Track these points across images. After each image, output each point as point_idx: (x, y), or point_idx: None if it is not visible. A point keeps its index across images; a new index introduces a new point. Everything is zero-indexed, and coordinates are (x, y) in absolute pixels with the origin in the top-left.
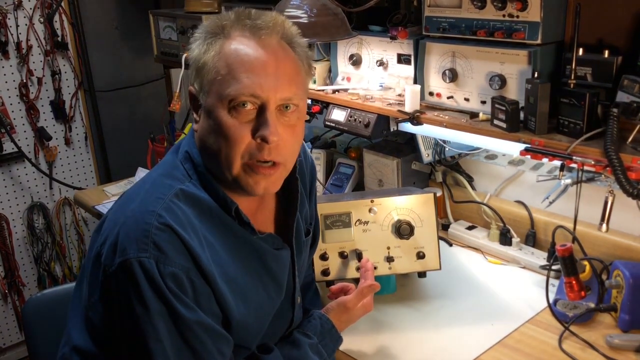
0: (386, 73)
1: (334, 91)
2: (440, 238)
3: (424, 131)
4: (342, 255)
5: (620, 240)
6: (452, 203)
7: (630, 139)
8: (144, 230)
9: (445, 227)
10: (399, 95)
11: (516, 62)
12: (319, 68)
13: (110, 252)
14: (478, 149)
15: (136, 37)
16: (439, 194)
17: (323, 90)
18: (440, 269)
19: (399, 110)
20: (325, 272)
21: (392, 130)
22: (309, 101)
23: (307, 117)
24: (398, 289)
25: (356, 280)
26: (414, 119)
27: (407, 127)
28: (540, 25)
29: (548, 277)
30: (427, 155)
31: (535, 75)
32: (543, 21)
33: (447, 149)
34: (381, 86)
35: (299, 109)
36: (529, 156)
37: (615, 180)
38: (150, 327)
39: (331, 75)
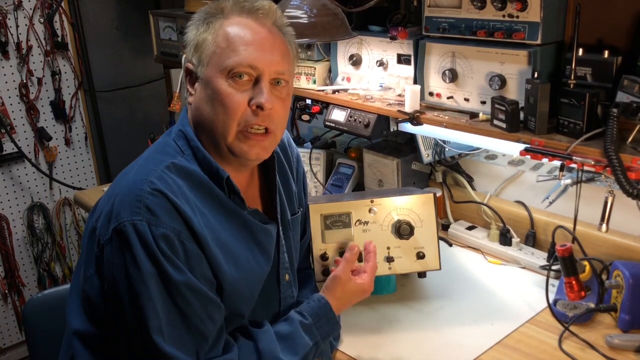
0: (386, 73)
1: (334, 91)
2: (440, 238)
3: (424, 131)
4: (342, 255)
5: (620, 240)
6: (452, 203)
7: (630, 139)
8: (136, 195)
9: (445, 227)
10: (399, 95)
11: (516, 62)
12: (319, 68)
13: (106, 221)
14: (478, 149)
15: (136, 37)
16: (439, 194)
17: (323, 90)
18: (440, 269)
19: (399, 111)
20: (325, 272)
21: (392, 130)
22: (309, 101)
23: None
24: (398, 289)
25: None
26: (414, 119)
27: (407, 127)
28: (540, 25)
29: (548, 277)
30: (427, 155)
31: (535, 75)
32: (543, 21)
33: (447, 149)
34: (381, 86)
35: (288, 85)
36: (528, 156)
37: (615, 181)
38: (143, 286)
39: (331, 76)
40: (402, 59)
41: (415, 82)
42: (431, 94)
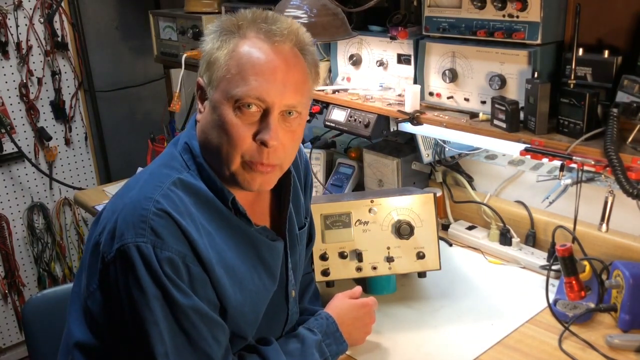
0: (386, 73)
1: (334, 91)
2: (440, 238)
3: (424, 131)
4: (342, 255)
5: (620, 240)
6: (452, 203)
7: (630, 139)
8: (141, 215)
9: (445, 227)
10: (399, 95)
11: (516, 62)
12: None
13: (109, 239)
14: (478, 149)
15: (136, 37)
16: (439, 194)
17: (323, 90)
18: (440, 269)
19: (399, 111)
20: (325, 273)
21: (392, 130)
22: None
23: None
24: (398, 289)
25: (356, 280)
26: (414, 119)
27: (407, 127)
28: (540, 25)
29: (548, 277)
30: (427, 155)
31: (535, 75)
32: (543, 21)
33: (447, 149)
34: (381, 86)
35: (301, 116)
36: (528, 156)
37: (615, 180)
38: (148, 310)
39: (331, 76)
40: (402, 59)
41: (415, 82)
42: (431, 93)
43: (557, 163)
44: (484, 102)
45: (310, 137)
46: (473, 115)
